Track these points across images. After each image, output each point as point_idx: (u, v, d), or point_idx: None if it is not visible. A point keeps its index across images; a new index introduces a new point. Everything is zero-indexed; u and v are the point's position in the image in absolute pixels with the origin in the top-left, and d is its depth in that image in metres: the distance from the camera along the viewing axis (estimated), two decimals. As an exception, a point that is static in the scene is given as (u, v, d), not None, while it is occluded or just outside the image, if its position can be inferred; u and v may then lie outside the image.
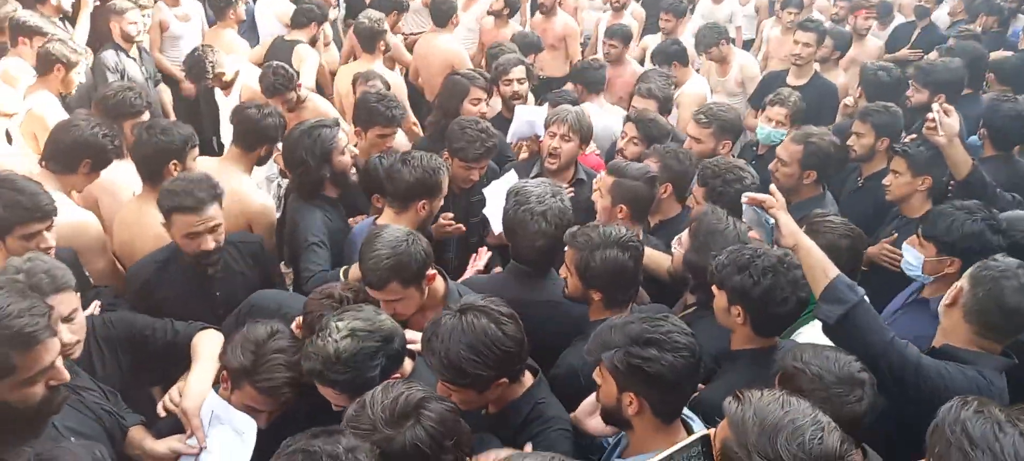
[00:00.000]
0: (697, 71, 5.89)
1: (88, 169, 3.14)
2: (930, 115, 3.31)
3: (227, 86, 4.86)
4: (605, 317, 2.34)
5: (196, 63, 4.77)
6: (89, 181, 3.20)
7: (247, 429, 2.06)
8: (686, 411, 2.04)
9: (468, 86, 4.09)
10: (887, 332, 2.17)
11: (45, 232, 2.58)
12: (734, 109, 4.23)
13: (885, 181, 3.61)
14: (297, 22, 5.79)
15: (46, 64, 4.19)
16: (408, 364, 2.15)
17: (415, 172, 2.99)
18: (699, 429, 1.99)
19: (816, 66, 5.61)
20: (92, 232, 3.02)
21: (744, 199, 2.39)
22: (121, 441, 2.23)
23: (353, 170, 3.35)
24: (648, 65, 6.25)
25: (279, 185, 4.91)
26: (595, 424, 2.10)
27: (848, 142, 4.07)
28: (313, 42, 5.71)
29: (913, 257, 2.81)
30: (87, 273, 2.95)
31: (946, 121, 3.27)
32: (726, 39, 5.87)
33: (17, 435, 1.82)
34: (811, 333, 2.45)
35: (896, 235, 3.50)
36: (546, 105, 4.28)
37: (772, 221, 2.33)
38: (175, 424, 2.19)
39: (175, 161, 3.12)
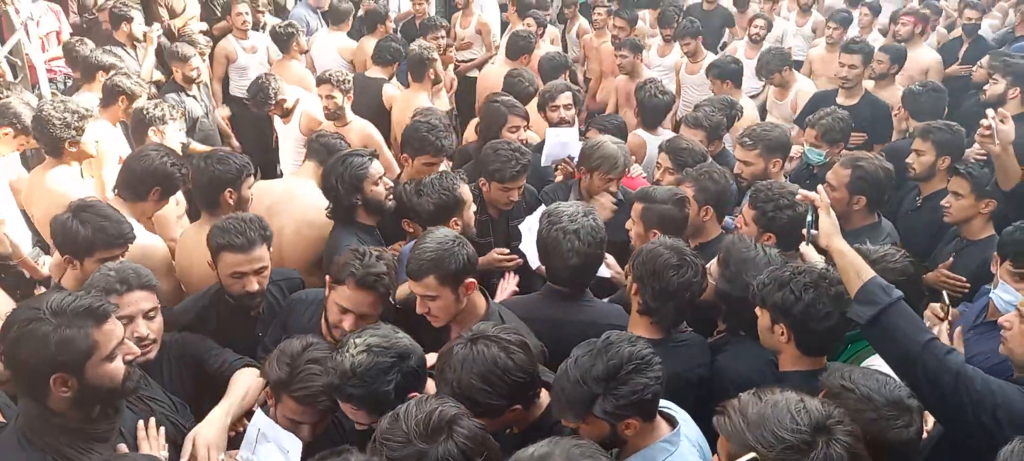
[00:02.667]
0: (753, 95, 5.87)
1: (158, 197, 3.30)
2: (985, 122, 3.20)
3: (288, 114, 5.04)
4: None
5: (260, 90, 4.96)
6: (158, 208, 3.37)
7: (292, 447, 2.12)
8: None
9: (507, 115, 4.11)
10: (925, 334, 2.12)
11: (120, 257, 2.77)
12: (778, 127, 4.12)
13: (944, 202, 3.48)
14: (380, 59, 5.82)
15: (111, 96, 4.47)
16: (431, 384, 2.19)
17: (432, 199, 3.08)
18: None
19: (870, 84, 5.48)
20: (159, 255, 3.18)
21: (797, 196, 2.61)
22: None
23: (390, 200, 3.34)
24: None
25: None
26: None
27: (907, 160, 3.96)
28: (389, 79, 5.80)
29: None
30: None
31: (1003, 128, 3.17)
32: (789, 65, 5.79)
33: (102, 420, 1.98)
34: (873, 360, 2.39)
35: (952, 259, 3.38)
36: (574, 128, 4.29)
37: (812, 218, 2.41)
38: None
39: (230, 190, 3.19)
